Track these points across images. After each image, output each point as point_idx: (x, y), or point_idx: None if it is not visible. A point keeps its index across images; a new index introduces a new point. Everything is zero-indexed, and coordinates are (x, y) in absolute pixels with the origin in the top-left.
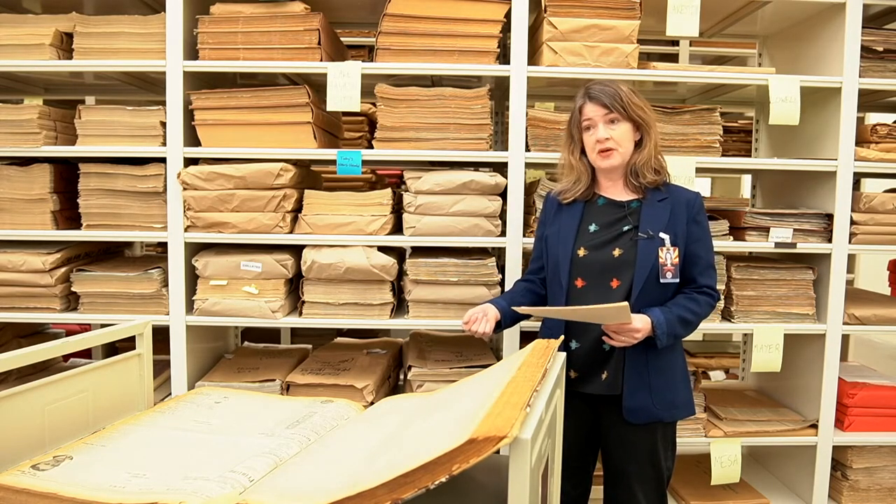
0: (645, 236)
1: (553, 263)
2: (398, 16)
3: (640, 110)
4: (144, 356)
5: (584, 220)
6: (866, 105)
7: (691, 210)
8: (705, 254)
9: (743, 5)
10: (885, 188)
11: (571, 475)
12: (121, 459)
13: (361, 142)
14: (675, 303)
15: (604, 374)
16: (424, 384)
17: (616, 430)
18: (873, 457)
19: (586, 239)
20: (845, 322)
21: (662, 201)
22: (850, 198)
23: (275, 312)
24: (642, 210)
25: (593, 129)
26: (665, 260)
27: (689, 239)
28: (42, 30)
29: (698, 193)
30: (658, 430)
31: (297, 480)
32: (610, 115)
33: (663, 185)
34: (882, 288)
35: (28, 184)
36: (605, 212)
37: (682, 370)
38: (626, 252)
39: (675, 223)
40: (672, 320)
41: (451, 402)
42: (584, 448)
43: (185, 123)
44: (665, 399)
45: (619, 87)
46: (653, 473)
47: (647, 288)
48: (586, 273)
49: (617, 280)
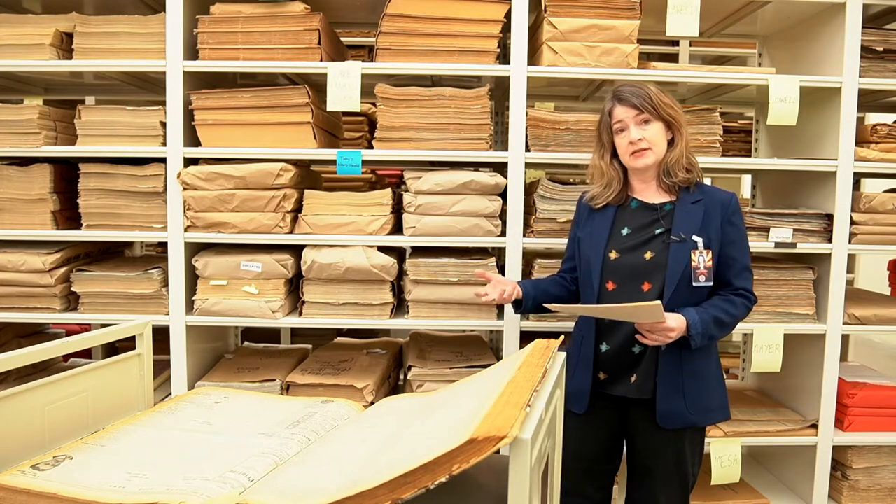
0: (677, 239)
1: (585, 266)
2: (398, 16)
3: (671, 109)
4: (144, 356)
5: (617, 224)
6: (866, 105)
7: (726, 211)
8: (741, 256)
9: (743, 5)
10: (885, 188)
11: (594, 478)
12: (121, 459)
13: (361, 142)
14: (710, 303)
15: (633, 377)
16: (424, 384)
17: (644, 433)
18: (873, 457)
19: (618, 242)
20: (845, 322)
21: (696, 203)
22: (850, 198)
23: (275, 312)
24: (675, 212)
25: (625, 130)
26: (698, 263)
27: (725, 241)
28: (42, 30)
29: (734, 194)
30: (687, 435)
31: (297, 480)
32: (641, 116)
33: (696, 185)
34: (882, 288)
35: (28, 184)
36: (637, 215)
37: (716, 373)
38: (657, 255)
39: (709, 225)
40: (707, 321)
41: (450, 402)
42: (610, 450)
43: (185, 123)
44: (698, 404)
45: (648, 88)
46: (678, 479)
47: (678, 291)
48: (617, 276)
49: (648, 283)
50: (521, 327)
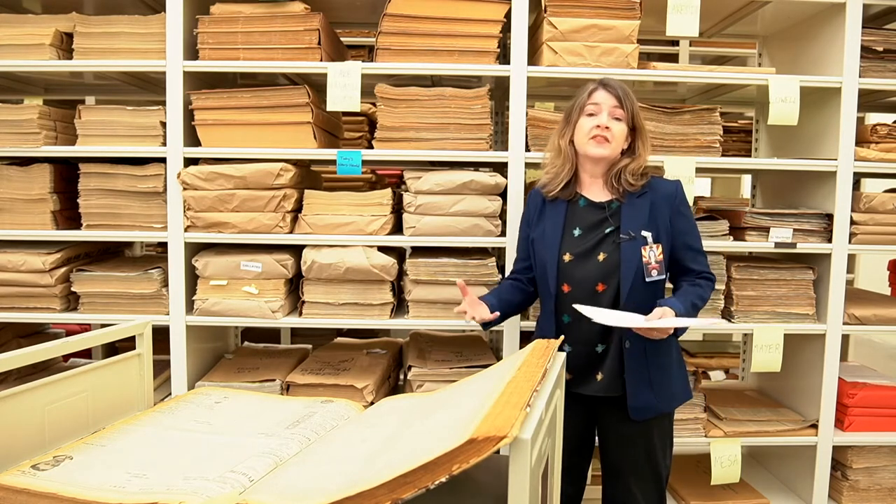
0: (627, 237)
1: (541, 268)
2: (398, 16)
3: (641, 120)
4: (144, 356)
5: (568, 224)
6: (866, 105)
7: (674, 202)
8: (694, 242)
9: (743, 5)
10: (885, 188)
11: (566, 472)
12: (121, 459)
13: (361, 142)
14: (685, 292)
15: (599, 376)
16: (424, 384)
17: (614, 429)
18: (873, 457)
19: (571, 245)
20: (845, 322)
21: (641, 196)
22: (850, 198)
23: (275, 312)
24: (622, 210)
25: (597, 114)
26: (649, 259)
27: (677, 232)
28: (42, 30)
29: (678, 183)
30: (655, 425)
31: (297, 480)
32: (618, 110)
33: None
34: (882, 288)
35: (28, 184)
36: (587, 214)
37: (677, 359)
38: (610, 256)
39: (657, 218)
40: (689, 308)
41: (450, 402)
42: (579, 446)
43: (185, 123)
44: (665, 392)
45: (632, 94)
46: (651, 472)
47: (634, 289)
48: (572, 279)
49: (603, 284)
50: (521, 327)
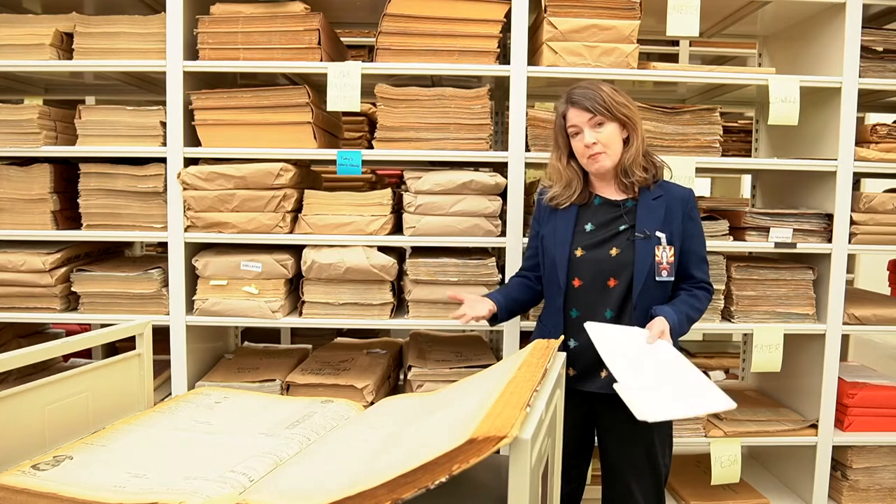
0: (642, 236)
1: (550, 264)
2: (398, 16)
3: (625, 108)
4: (144, 356)
5: (580, 220)
6: (866, 105)
7: (686, 207)
8: (699, 248)
9: (743, 5)
10: (885, 188)
11: (565, 471)
12: (121, 459)
13: (361, 142)
14: (681, 301)
15: (603, 373)
16: (424, 384)
17: (614, 428)
18: (873, 457)
19: (583, 239)
20: (845, 322)
21: (657, 199)
22: (849, 198)
23: (275, 312)
24: (638, 209)
25: (580, 133)
26: (661, 259)
27: (686, 235)
28: (42, 30)
29: (691, 190)
30: (654, 424)
31: (297, 480)
32: (595, 119)
33: (655, 182)
34: (882, 288)
35: (28, 184)
36: (601, 211)
37: None
38: (623, 252)
39: (671, 221)
40: (683, 321)
41: (450, 402)
42: (579, 445)
43: (185, 123)
44: None
45: (600, 89)
46: (651, 471)
47: (646, 287)
48: (583, 273)
49: (614, 279)
50: (520, 327)
